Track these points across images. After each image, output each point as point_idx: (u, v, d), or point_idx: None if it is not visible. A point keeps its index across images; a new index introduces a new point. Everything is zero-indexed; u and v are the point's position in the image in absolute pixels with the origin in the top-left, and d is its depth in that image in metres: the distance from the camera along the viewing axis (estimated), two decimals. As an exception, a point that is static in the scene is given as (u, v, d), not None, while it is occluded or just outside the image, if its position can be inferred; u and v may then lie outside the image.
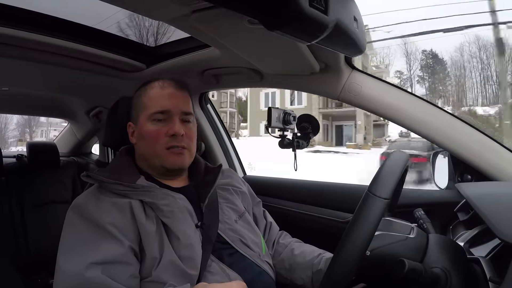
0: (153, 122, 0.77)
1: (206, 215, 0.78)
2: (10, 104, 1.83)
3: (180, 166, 0.79)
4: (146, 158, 0.80)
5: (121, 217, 0.68)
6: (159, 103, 0.78)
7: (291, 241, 0.96)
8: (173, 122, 0.77)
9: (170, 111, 0.78)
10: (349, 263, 0.52)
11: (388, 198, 0.54)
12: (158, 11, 0.75)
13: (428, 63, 20.60)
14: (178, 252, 0.68)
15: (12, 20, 0.91)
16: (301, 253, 0.89)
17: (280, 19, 0.46)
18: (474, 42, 21.29)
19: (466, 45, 21.66)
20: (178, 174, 0.82)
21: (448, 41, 22.38)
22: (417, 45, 20.95)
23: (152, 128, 0.77)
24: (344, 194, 1.22)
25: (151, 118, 0.78)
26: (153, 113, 0.77)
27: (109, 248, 0.64)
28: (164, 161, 0.77)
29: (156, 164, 0.78)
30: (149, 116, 0.78)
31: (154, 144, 0.77)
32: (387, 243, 0.64)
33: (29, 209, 1.52)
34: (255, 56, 0.96)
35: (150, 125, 0.78)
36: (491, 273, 0.58)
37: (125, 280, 0.63)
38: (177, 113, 0.78)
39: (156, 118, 0.77)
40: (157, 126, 0.77)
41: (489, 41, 20.78)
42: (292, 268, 0.87)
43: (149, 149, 0.78)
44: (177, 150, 0.77)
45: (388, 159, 0.60)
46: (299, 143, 1.10)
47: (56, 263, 0.65)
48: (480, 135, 0.92)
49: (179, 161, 0.78)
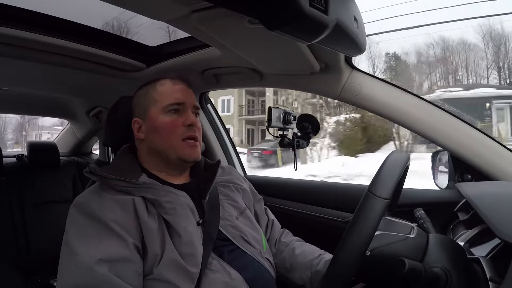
0: (167, 113, 0.79)
1: (207, 212, 0.78)
2: (10, 104, 1.83)
3: (195, 158, 0.80)
4: (159, 151, 0.79)
5: (124, 214, 0.68)
6: (173, 96, 0.80)
7: (292, 239, 0.96)
8: (188, 114, 0.79)
9: (185, 103, 0.80)
10: (349, 263, 0.52)
11: (388, 198, 0.54)
12: (158, 11, 0.75)
13: (391, 65, 20.24)
14: (179, 249, 0.68)
15: (12, 20, 0.91)
16: (302, 252, 0.89)
17: (280, 19, 0.46)
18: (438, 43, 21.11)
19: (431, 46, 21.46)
20: (187, 168, 0.84)
21: (413, 41, 22.02)
22: (381, 47, 20.51)
23: (167, 119, 0.78)
24: (344, 194, 1.22)
25: (166, 109, 0.79)
26: (168, 105, 0.79)
27: (112, 246, 0.65)
28: (181, 152, 0.77)
29: (171, 156, 0.78)
30: (164, 108, 0.79)
31: (169, 135, 0.77)
32: (387, 242, 0.64)
33: (30, 208, 1.52)
34: (255, 56, 0.96)
35: (164, 117, 0.78)
36: (491, 272, 0.58)
37: (130, 278, 0.64)
38: (190, 106, 0.81)
39: (172, 109, 0.79)
40: (172, 117, 0.78)
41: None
42: (293, 268, 0.87)
43: (163, 141, 0.78)
44: (192, 143, 0.78)
45: (388, 159, 0.60)
46: (299, 143, 1.09)
47: (60, 262, 0.65)
48: (480, 135, 0.93)
49: (195, 154, 0.79)
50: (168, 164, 0.80)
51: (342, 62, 0.96)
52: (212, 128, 1.53)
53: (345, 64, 0.98)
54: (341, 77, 0.99)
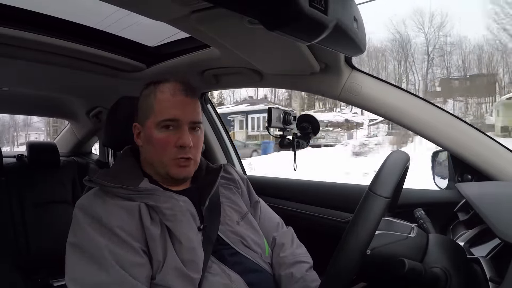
0: (161, 129, 0.75)
1: (207, 217, 0.77)
2: (10, 104, 1.83)
3: (185, 176, 0.79)
4: (151, 163, 0.79)
5: (129, 221, 0.68)
6: (169, 111, 0.75)
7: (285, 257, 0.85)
8: (182, 132, 0.75)
9: (179, 120, 0.75)
10: (350, 262, 0.52)
11: (389, 197, 0.54)
12: (158, 11, 0.75)
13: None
14: (180, 255, 0.68)
15: (12, 20, 0.91)
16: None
17: (280, 19, 0.46)
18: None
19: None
20: (182, 182, 0.82)
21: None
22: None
23: (160, 136, 0.75)
24: (344, 194, 1.22)
25: (160, 125, 0.75)
26: (162, 121, 0.75)
27: (121, 250, 0.65)
28: (169, 171, 0.76)
29: (161, 172, 0.77)
30: (158, 123, 0.75)
31: (161, 153, 0.75)
32: (388, 242, 0.64)
33: (29, 208, 1.52)
34: (255, 56, 0.96)
35: (158, 132, 0.75)
36: (491, 273, 0.58)
37: (144, 281, 0.65)
38: (186, 122, 0.76)
39: (165, 125, 0.75)
40: (166, 134, 0.75)
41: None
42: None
43: (155, 156, 0.77)
44: (183, 162, 0.76)
45: (388, 159, 0.60)
46: (299, 143, 1.10)
47: (71, 263, 0.66)
48: (480, 135, 0.92)
49: (184, 173, 0.77)
50: (160, 175, 0.79)
51: (342, 62, 0.96)
52: (212, 128, 1.53)
53: (345, 64, 0.98)
54: (341, 77, 0.99)
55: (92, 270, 0.63)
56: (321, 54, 0.91)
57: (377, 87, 0.98)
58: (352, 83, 0.99)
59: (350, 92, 1.00)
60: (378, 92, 0.98)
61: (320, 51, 0.89)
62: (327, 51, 0.85)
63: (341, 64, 0.96)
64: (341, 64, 0.96)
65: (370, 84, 0.99)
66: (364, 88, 0.98)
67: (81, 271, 0.64)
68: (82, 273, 0.64)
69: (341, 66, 0.97)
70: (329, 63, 0.96)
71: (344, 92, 1.01)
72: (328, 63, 0.97)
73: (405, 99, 0.97)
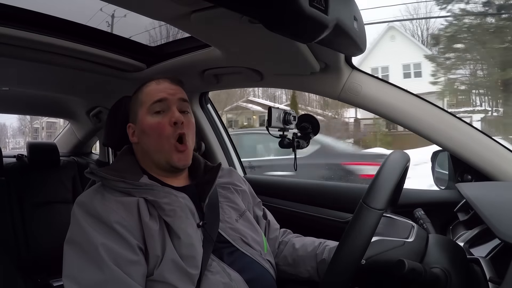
0: (152, 115, 0.78)
1: (207, 215, 0.78)
2: (10, 104, 1.83)
3: (185, 164, 0.80)
4: (150, 154, 0.79)
5: (128, 216, 0.69)
6: (156, 94, 0.79)
7: (291, 237, 0.97)
8: (172, 111, 0.78)
9: (167, 99, 0.78)
10: (342, 274, 0.52)
11: (383, 209, 0.54)
12: (158, 11, 0.75)
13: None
14: (179, 251, 0.69)
15: (12, 20, 0.91)
16: (302, 246, 0.90)
17: (280, 19, 0.46)
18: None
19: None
20: (179, 172, 0.83)
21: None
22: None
23: (153, 120, 0.77)
24: (344, 194, 1.22)
25: (150, 110, 0.78)
26: (151, 104, 0.78)
27: (118, 247, 0.65)
28: (170, 159, 0.77)
29: (161, 160, 0.78)
30: (148, 108, 0.78)
31: (159, 138, 0.76)
32: (384, 250, 0.63)
33: (29, 208, 1.52)
34: (255, 56, 0.96)
35: (150, 118, 0.78)
36: (491, 273, 0.58)
37: (140, 279, 0.64)
38: (175, 102, 0.79)
39: (155, 110, 0.78)
40: (158, 118, 0.77)
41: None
42: (296, 263, 0.88)
43: (153, 144, 0.78)
44: (181, 147, 0.77)
45: (386, 162, 0.59)
46: (299, 143, 1.09)
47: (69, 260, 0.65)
48: (480, 135, 0.92)
49: (184, 161, 0.78)
50: (160, 167, 0.80)
51: (342, 62, 0.96)
52: (212, 128, 1.53)
53: (345, 64, 0.98)
54: (341, 77, 0.99)
55: (88, 268, 0.63)
56: (321, 53, 0.91)
57: (377, 87, 0.98)
58: (352, 83, 0.99)
59: (350, 92, 1.00)
60: (378, 92, 0.98)
61: (320, 50, 0.89)
62: (327, 51, 0.85)
63: (341, 64, 0.96)
64: (341, 64, 0.96)
65: (370, 84, 0.99)
66: (364, 88, 0.98)
67: (77, 268, 0.64)
68: (78, 271, 0.64)
69: (341, 66, 0.97)
70: (329, 62, 0.96)
71: (344, 92, 1.00)
72: (328, 63, 0.97)
73: (405, 99, 0.97)
